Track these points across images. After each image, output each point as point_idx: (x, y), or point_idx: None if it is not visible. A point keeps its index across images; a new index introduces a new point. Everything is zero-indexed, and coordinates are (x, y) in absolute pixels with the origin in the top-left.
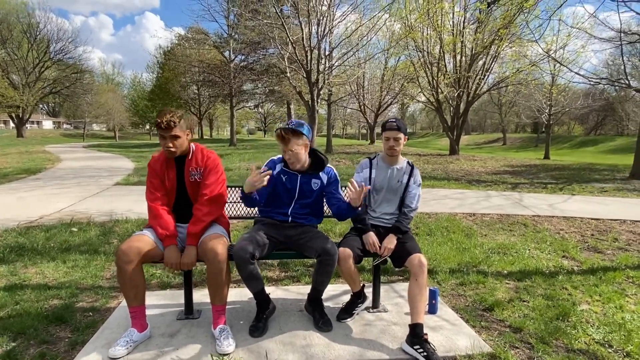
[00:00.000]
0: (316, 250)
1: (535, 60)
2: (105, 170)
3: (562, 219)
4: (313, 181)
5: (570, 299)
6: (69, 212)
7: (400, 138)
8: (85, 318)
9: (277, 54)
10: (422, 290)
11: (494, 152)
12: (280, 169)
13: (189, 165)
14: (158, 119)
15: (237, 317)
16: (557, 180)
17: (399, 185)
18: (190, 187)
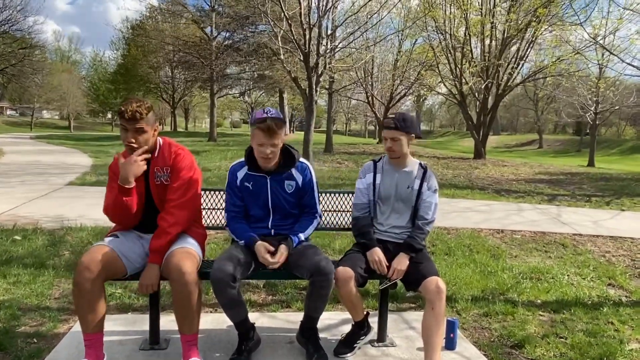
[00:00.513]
0: (308, 269)
1: (580, 48)
2: (57, 167)
3: (608, 239)
4: (287, 183)
5: (616, 336)
6: (11, 216)
7: (399, 139)
8: (28, 345)
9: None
10: (438, 322)
11: (528, 157)
12: (245, 174)
13: (155, 164)
14: (122, 107)
15: (213, 348)
16: (604, 192)
17: (409, 192)
18: (156, 191)
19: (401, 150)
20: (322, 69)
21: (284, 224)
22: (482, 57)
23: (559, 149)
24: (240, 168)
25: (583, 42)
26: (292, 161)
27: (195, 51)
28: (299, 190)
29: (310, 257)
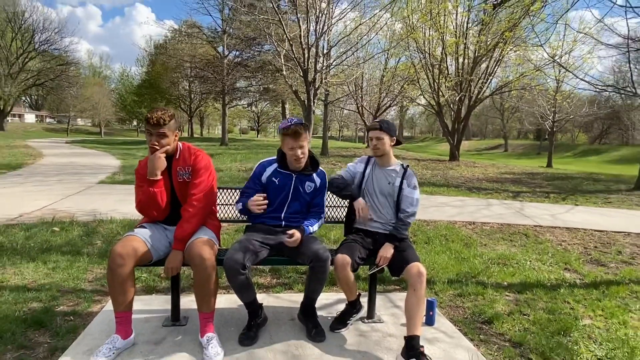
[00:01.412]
0: (308, 256)
1: (540, 65)
2: (90, 167)
3: (564, 230)
4: (307, 184)
5: (572, 314)
6: (51, 210)
7: (382, 137)
8: (65, 322)
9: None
10: (420, 302)
11: (495, 159)
12: (273, 170)
13: (177, 164)
14: (148, 114)
15: (226, 324)
16: (560, 189)
17: (390, 187)
18: (179, 188)
19: (384, 148)
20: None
21: (294, 218)
22: (456, 73)
23: (522, 152)
24: (270, 165)
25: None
26: (316, 166)
27: (209, 68)
28: (315, 191)
29: (310, 246)
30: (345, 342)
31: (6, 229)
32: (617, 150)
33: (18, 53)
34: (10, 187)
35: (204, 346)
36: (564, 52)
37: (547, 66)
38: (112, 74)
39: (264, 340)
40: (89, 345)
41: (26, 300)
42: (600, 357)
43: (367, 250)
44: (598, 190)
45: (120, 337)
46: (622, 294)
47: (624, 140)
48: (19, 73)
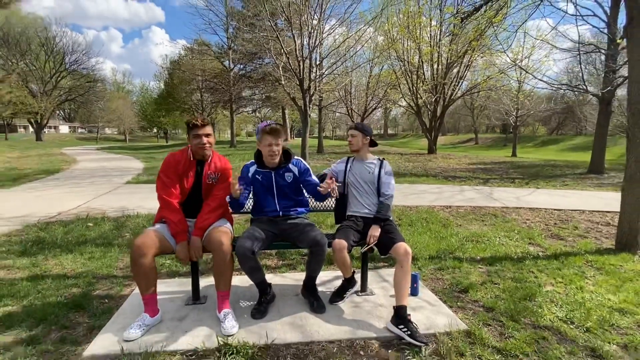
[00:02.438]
0: (308, 242)
1: (504, 69)
2: (117, 170)
3: (528, 210)
4: (286, 175)
5: (536, 281)
6: (85, 208)
7: (355, 135)
8: (101, 305)
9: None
10: (406, 276)
11: (468, 151)
12: (255, 170)
13: (208, 168)
14: (192, 121)
15: (240, 301)
16: (524, 175)
17: (371, 176)
18: (205, 189)
19: (357, 144)
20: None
21: (289, 206)
22: (432, 78)
23: (490, 144)
24: (251, 166)
25: (506, 64)
26: (289, 159)
27: (218, 80)
28: (296, 178)
29: (309, 233)
30: (342, 312)
31: (47, 226)
32: (572, 139)
33: (51, 73)
34: (49, 189)
35: (222, 320)
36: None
37: (510, 69)
38: (133, 88)
39: (272, 314)
40: (122, 324)
41: (66, 286)
42: (561, 318)
43: (359, 233)
44: (556, 175)
45: (149, 316)
46: (578, 263)
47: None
48: (52, 90)
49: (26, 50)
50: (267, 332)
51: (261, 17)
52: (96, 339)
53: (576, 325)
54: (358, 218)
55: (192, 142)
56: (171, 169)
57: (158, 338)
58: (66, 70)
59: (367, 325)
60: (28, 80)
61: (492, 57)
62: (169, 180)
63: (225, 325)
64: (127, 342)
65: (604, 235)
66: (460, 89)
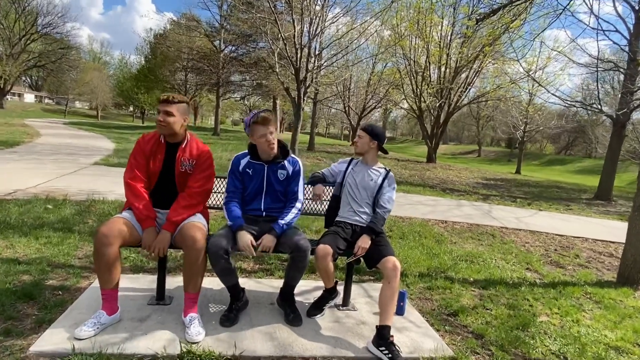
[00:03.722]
0: (289, 246)
1: (516, 79)
2: (85, 149)
3: (528, 232)
4: (280, 172)
5: (530, 310)
6: (45, 188)
7: (362, 137)
8: (54, 296)
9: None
10: (393, 294)
11: (469, 163)
12: (247, 162)
13: (182, 154)
14: (163, 94)
15: (209, 306)
16: (526, 195)
17: (373, 184)
18: (179, 177)
19: (362, 147)
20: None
21: (274, 208)
22: (438, 81)
23: (494, 158)
24: (244, 157)
25: (518, 74)
26: (286, 154)
27: (206, 60)
28: (288, 179)
29: (291, 236)
30: (320, 327)
31: (0, 204)
32: (581, 161)
33: (20, 34)
34: (6, 163)
35: (187, 325)
36: (538, 67)
37: (522, 80)
38: (111, 60)
39: (244, 322)
40: (75, 319)
41: (17, 272)
42: (554, 351)
43: (346, 241)
44: (561, 197)
45: (106, 313)
46: (577, 294)
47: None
48: (20, 54)
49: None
50: (236, 341)
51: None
52: (45, 334)
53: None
54: (347, 225)
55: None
56: (141, 151)
57: (114, 339)
58: (37, 33)
59: (346, 343)
60: None
61: (505, 65)
62: (136, 163)
63: (191, 331)
64: (80, 341)
65: (605, 267)
66: (467, 95)
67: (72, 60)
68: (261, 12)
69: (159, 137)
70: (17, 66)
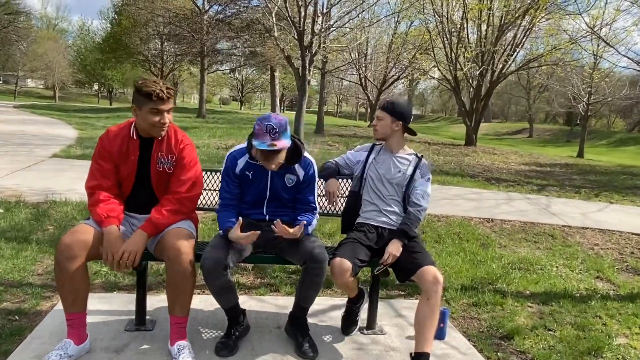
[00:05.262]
0: (301, 255)
1: (576, 37)
2: (41, 137)
3: (597, 231)
4: (287, 177)
5: (604, 330)
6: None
7: (382, 118)
8: (9, 323)
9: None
10: (433, 313)
11: (518, 146)
12: (245, 164)
13: (158, 149)
14: (150, 88)
15: (201, 330)
16: (593, 184)
17: (400, 176)
18: (156, 177)
19: (382, 130)
20: (316, 49)
21: (279, 212)
22: (478, 42)
23: (549, 139)
24: (241, 156)
25: (580, 31)
26: (298, 157)
27: (186, 24)
28: (298, 185)
29: (304, 243)
30: (340, 356)
31: None
32: None
33: None
34: None
35: (174, 356)
36: (604, 22)
37: (585, 39)
38: (69, 27)
39: (244, 350)
40: (36, 351)
41: None
42: None
43: (370, 249)
44: (637, 186)
45: (73, 343)
46: None
47: None
48: None
49: None
50: None
51: None
52: None
53: None
54: (371, 228)
55: (145, 117)
56: (106, 153)
57: None
58: None
59: None
60: None
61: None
62: (99, 168)
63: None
64: None
65: None
66: (514, 60)
67: (20, 28)
68: None
69: (129, 131)
70: None
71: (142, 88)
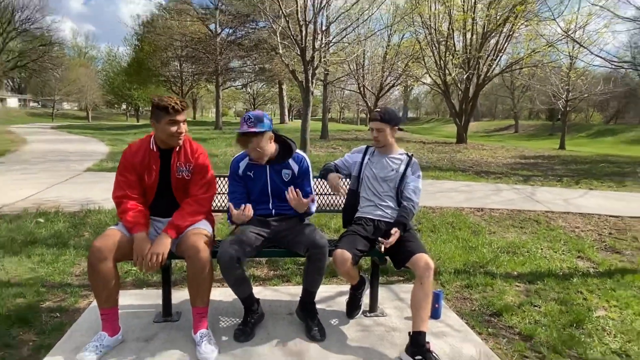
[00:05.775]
0: (304, 244)
1: (553, 41)
2: (77, 154)
3: (577, 215)
4: (284, 172)
5: (585, 304)
6: (35, 200)
7: (383, 129)
8: (51, 319)
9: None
10: (427, 296)
11: (505, 141)
12: (246, 165)
13: (177, 159)
14: (166, 103)
15: (220, 319)
16: (573, 173)
17: (393, 174)
18: (176, 184)
19: (385, 140)
20: (318, 63)
21: (284, 206)
22: (464, 49)
23: (533, 133)
24: (242, 159)
25: (556, 35)
26: (289, 153)
27: (201, 47)
28: (295, 178)
29: (306, 233)
30: (346, 338)
31: None
32: (634, 130)
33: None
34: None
35: (197, 343)
36: (578, 26)
37: (560, 41)
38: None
39: (260, 336)
40: (76, 343)
41: (9, 296)
42: (614, 350)
43: (367, 240)
44: (614, 173)
45: (108, 335)
46: (638, 283)
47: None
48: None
49: None
50: (252, 358)
51: None
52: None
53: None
54: (368, 221)
55: (164, 129)
56: (130, 166)
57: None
58: (15, 30)
59: (377, 354)
60: None
61: (539, 26)
62: (125, 180)
63: (202, 349)
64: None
65: None
66: (498, 64)
67: (55, 57)
68: None
69: (149, 144)
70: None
71: (159, 103)
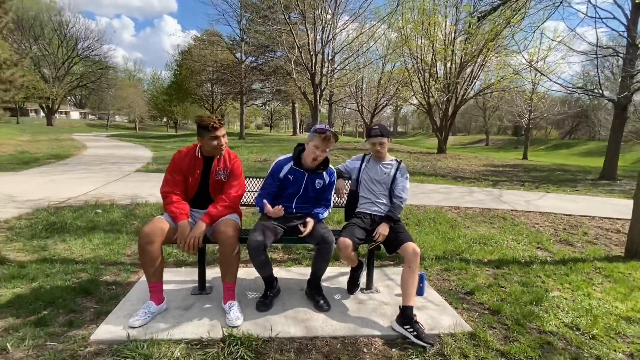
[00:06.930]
0: (315, 238)
1: (518, 70)
2: (127, 158)
3: (537, 214)
4: (317, 181)
5: (543, 286)
6: (94, 194)
7: (384, 142)
8: (108, 291)
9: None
10: (414, 276)
11: (478, 152)
12: (289, 169)
13: (217, 165)
14: (207, 122)
15: (245, 293)
16: (534, 179)
17: (386, 177)
18: (213, 185)
19: (385, 151)
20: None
21: (304, 206)
22: (444, 76)
23: (501, 146)
24: (286, 163)
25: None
26: (326, 166)
27: (229, 71)
28: (324, 187)
29: (317, 229)
30: (347, 309)
31: (57, 211)
32: (585, 144)
33: (64, 58)
34: (59, 174)
35: (227, 311)
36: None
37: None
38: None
39: (277, 307)
40: (128, 310)
41: (74, 271)
42: (567, 324)
43: (365, 230)
44: (567, 179)
45: (154, 303)
46: (587, 269)
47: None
48: (64, 76)
49: (39, 34)
50: (271, 325)
51: (275, 9)
52: (103, 324)
53: (582, 332)
54: (366, 215)
55: (208, 143)
56: (178, 167)
57: (163, 326)
58: (78, 56)
59: (372, 323)
60: (41, 65)
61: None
62: (172, 179)
63: (231, 317)
64: (133, 329)
65: (613, 243)
66: (473, 89)
67: (110, 79)
68: (277, 24)
69: (195, 152)
70: (63, 87)
71: (201, 123)
